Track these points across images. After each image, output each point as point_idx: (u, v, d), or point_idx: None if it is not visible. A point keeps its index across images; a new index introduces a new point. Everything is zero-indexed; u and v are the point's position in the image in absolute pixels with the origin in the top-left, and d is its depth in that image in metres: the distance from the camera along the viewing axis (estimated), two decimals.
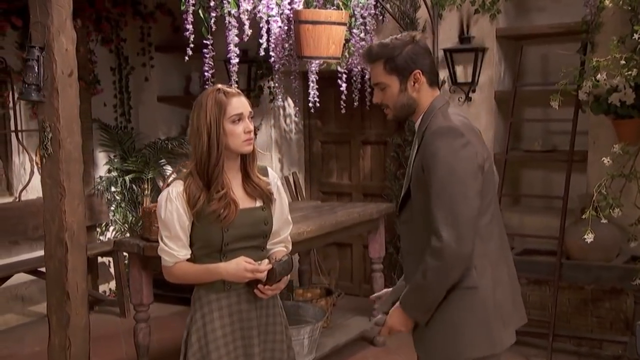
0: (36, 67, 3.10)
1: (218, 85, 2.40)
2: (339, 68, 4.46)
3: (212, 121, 2.31)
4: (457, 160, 2.10)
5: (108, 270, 5.87)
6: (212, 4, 3.76)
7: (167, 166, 6.06)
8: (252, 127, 2.38)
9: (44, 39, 3.11)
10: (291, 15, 4.07)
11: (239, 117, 2.35)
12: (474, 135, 2.21)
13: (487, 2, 4.70)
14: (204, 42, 3.82)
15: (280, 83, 4.86)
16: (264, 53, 4.11)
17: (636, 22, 3.92)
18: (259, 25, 3.99)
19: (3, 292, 5.14)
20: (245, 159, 2.44)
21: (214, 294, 2.42)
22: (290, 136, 5.90)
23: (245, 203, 2.43)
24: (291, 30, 4.17)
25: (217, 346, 2.40)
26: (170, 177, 3.44)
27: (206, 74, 3.89)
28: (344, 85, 4.44)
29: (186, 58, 3.80)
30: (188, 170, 2.40)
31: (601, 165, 3.86)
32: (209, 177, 2.34)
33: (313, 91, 4.37)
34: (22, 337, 4.99)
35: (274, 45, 4.24)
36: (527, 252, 4.63)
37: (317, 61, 4.26)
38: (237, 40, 3.84)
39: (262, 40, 3.99)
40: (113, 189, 5.89)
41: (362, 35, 4.46)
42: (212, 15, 3.77)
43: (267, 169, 2.57)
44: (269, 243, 2.53)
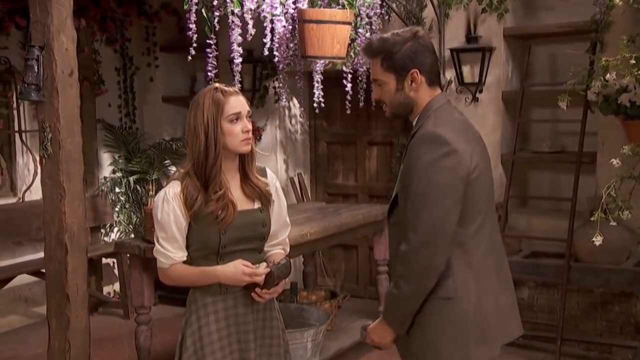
0: (36, 66, 3.07)
1: (215, 84, 2.37)
2: (344, 68, 4.42)
3: (210, 120, 2.28)
4: (436, 170, 2.03)
5: (112, 271, 5.84)
6: (216, 3, 3.72)
7: (172, 167, 6.02)
8: (250, 126, 2.35)
9: (44, 38, 3.08)
10: (295, 14, 4.03)
11: (237, 117, 2.32)
12: (464, 141, 2.11)
13: (495, 1, 4.66)
14: (207, 41, 3.79)
15: (285, 83, 4.82)
16: (268, 53, 4.08)
17: None
18: (263, 25, 3.95)
19: (6, 293, 5.12)
20: (243, 159, 2.40)
21: (210, 297, 2.38)
22: (296, 137, 5.86)
23: (243, 204, 2.39)
24: (295, 29, 4.13)
25: (212, 350, 2.36)
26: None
27: (209, 73, 3.85)
28: (350, 85, 4.40)
29: (189, 58, 3.77)
30: (185, 171, 2.36)
31: (610, 167, 3.81)
32: (206, 178, 2.31)
33: (318, 91, 4.33)
34: (25, 339, 4.97)
35: (278, 45, 4.21)
36: (534, 254, 4.62)
37: (321, 61, 4.23)
38: (241, 39, 3.80)
39: (266, 39, 3.96)
40: (117, 189, 5.85)
41: (368, 34, 4.41)
42: (215, 15, 3.73)
43: (266, 169, 2.53)
44: (266, 245, 2.49)
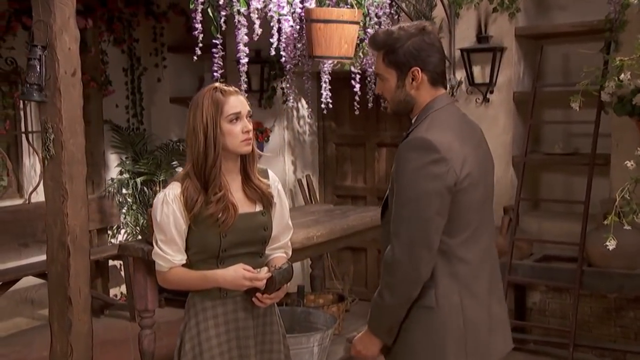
0: (38, 66, 3.02)
1: (215, 84, 2.32)
2: (353, 68, 4.36)
3: (209, 120, 2.23)
4: (421, 177, 1.96)
5: (119, 273, 5.82)
6: (222, 2, 3.68)
7: (179, 168, 5.99)
8: (250, 126, 2.30)
9: (47, 37, 3.04)
10: (303, 14, 3.98)
11: (237, 117, 2.27)
12: (459, 146, 2.01)
13: (506, 0, 4.58)
14: (214, 41, 3.74)
15: (293, 84, 4.77)
16: (275, 53, 4.03)
17: None
18: (270, 25, 3.91)
19: (13, 295, 5.10)
20: (245, 160, 2.35)
21: (210, 302, 2.33)
22: (304, 138, 5.80)
23: (244, 207, 2.34)
24: (303, 29, 4.08)
25: (211, 355, 2.31)
26: None
27: (215, 74, 3.81)
28: (358, 86, 4.34)
29: (194, 58, 3.72)
30: (185, 172, 2.31)
31: (624, 169, 3.71)
32: (206, 179, 2.26)
33: (326, 92, 4.27)
34: (31, 341, 4.94)
35: (285, 45, 4.15)
36: (546, 258, 4.57)
37: (329, 61, 4.17)
38: (247, 39, 3.76)
39: (273, 39, 3.91)
40: (124, 191, 5.82)
41: None
42: (221, 15, 3.69)
43: (268, 171, 2.48)
44: (268, 248, 2.44)
